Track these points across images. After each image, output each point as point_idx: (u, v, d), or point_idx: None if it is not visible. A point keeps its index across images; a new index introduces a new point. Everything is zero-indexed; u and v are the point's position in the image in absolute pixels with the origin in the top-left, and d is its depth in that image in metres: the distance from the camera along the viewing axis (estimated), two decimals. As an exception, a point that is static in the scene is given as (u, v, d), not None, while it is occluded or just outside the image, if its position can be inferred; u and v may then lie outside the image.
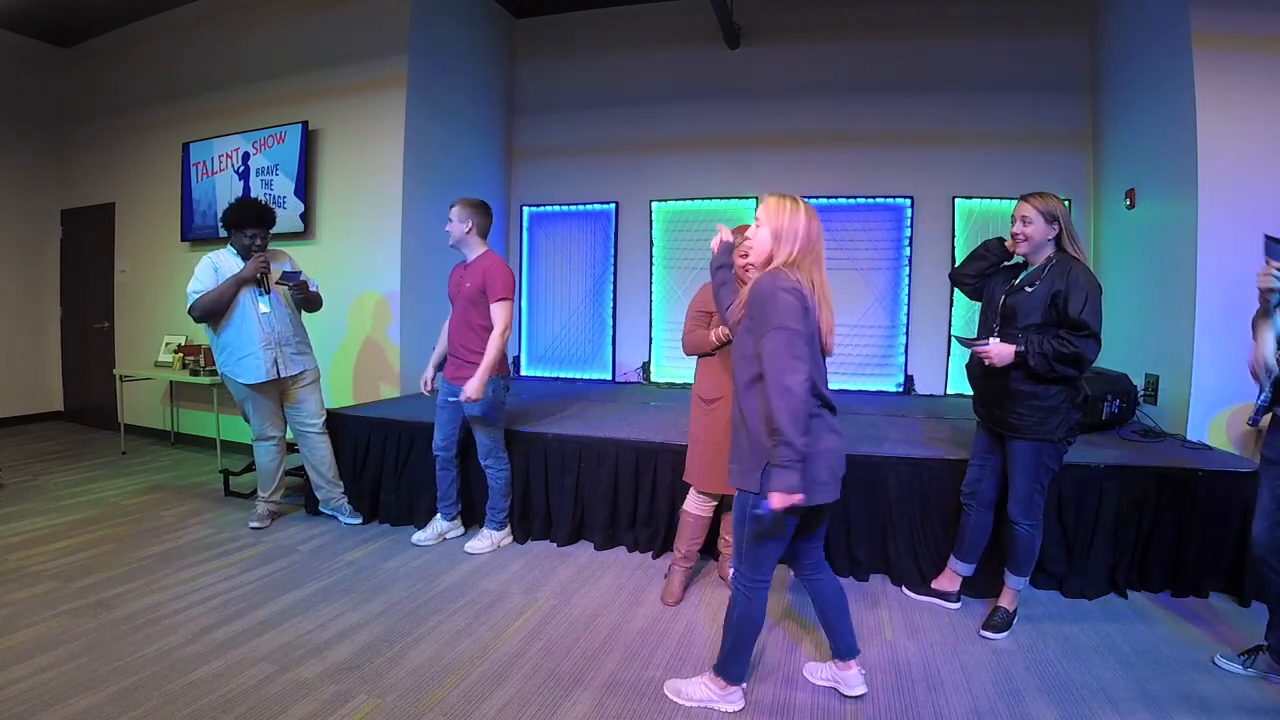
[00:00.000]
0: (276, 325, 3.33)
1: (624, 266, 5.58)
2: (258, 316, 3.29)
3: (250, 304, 3.28)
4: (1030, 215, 2.28)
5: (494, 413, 3.13)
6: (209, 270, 3.27)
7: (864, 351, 5.05)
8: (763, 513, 1.70)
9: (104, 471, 4.59)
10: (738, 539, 1.87)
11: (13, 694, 1.95)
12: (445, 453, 3.25)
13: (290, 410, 3.50)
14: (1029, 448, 2.31)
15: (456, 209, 3.09)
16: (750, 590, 1.87)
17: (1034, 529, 2.37)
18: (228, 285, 3.22)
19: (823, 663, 2.15)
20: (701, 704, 1.95)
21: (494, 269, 3.03)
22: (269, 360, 3.31)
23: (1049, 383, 2.24)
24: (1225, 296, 3.20)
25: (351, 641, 2.33)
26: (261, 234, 3.30)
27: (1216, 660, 2.21)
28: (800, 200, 1.85)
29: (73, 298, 6.22)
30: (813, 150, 5.13)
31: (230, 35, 5.14)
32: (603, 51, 5.61)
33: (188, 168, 5.18)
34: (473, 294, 3.02)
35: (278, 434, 3.49)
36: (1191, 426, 3.32)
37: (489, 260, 3.08)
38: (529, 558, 3.15)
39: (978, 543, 2.58)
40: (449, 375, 3.12)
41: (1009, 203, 4.79)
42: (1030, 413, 2.28)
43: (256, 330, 3.28)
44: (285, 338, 3.37)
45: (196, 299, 3.21)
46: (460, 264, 3.18)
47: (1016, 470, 2.35)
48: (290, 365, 3.39)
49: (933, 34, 4.91)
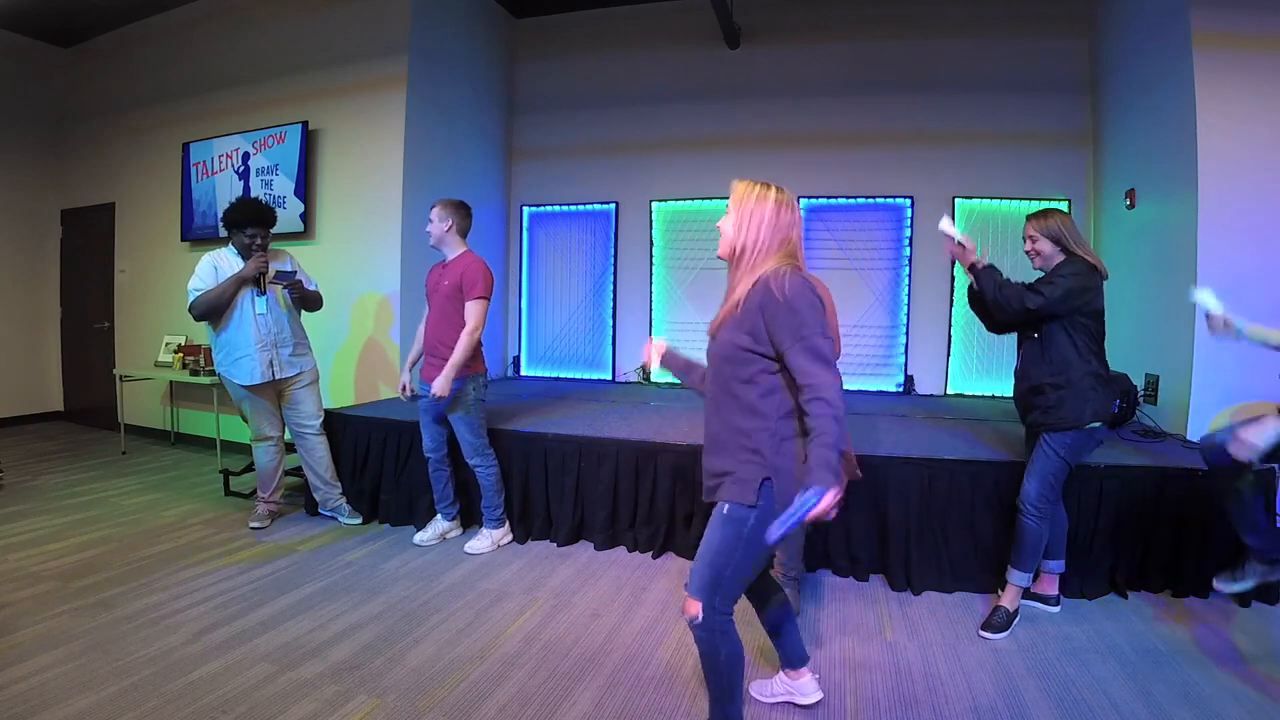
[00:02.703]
0: (273, 327, 3.33)
1: (624, 266, 5.58)
2: (254, 317, 3.29)
3: (248, 305, 3.28)
4: (1034, 235, 2.42)
5: (474, 410, 3.13)
6: (209, 269, 3.27)
7: (864, 351, 5.05)
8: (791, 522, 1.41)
9: (104, 471, 4.59)
10: (719, 566, 1.56)
11: (13, 694, 1.95)
12: (436, 454, 3.25)
13: (287, 410, 3.50)
14: (1053, 438, 2.35)
15: (437, 209, 3.10)
16: (727, 622, 1.60)
17: (1041, 521, 2.38)
18: (228, 284, 3.22)
19: (769, 678, 2.03)
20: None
21: (473, 267, 3.05)
22: (264, 362, 3.30)
23: (995, 308, 2.37)
24: (1225, 296, 3.18)
25: (351, 641, 2.33)
26: (261, 234, 3.30)
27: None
28: (773, 186, 1.63)
29: (73, 298, 6.22)
30: (813, 150, 5.13)
31: (230, 35, 5.14)
32: (603, 51, 5.61)
33: (188, 168, 5.18)
34: (450, 291, 3.04)
35: (275, 434, 3.49)
36: (1191, 426, 3.32)
37: (468, 259, 3.10)
38: (529, 557, 3.15)
39: (1059, 538, 2.58)
40: (426, 376, 3.11)
41: (1009, 203, 4.82)
42: (1057, 402, 2.31)
43: (253, 331, 3.28)
44: (282, 339, 3.36)
45: (196, 297, 3.22)
46: (438, 264, 3.18)
47: (1037, 457, 2.41)
48: (286, 368, 3.39)
49: (933, 34, 4.91)
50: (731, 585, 1.59)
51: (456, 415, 3.12)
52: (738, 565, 1.56)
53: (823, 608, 2.67)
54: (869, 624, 2.53)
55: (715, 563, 1.57)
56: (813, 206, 5.12)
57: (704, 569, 1.58)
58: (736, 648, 1.64)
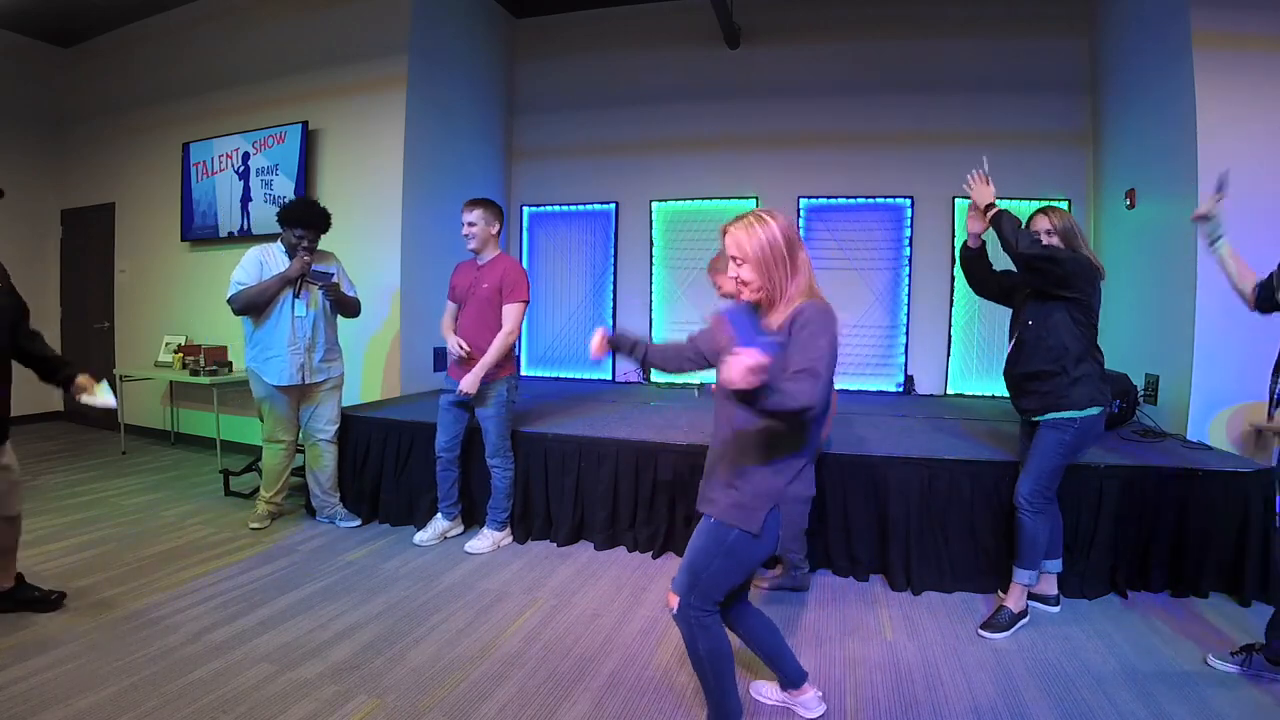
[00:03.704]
0: (309, 330, 3.34)
1: (624, 266, 5.58)
2: (293, 319, 3.30)
3: (288, 305, 3.29)
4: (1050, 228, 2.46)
5: (505, 411, 3.16)
6: (255, 263, 3.28)
7: (864, 351, 5.05)
8: None
9: (104, 471, 4.59)
10: (697, 570, 1.65)
11: (13, 694, 1.95)
12: (449, 453, 3.25)
13: (306, 412, 3.49)
14: (1051, 430, 2.35)
15: (479, 212, 3.07)
16: (706, 618, 1.67)
17: (1036, 516, 2.39)
18: (272, 282, 3.23)
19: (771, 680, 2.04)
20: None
21: (513, 270, 3.08)
22: (295, 365, 3.31)
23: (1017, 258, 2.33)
24: (1225, 296, 3.16)
25: (351, 641, 2.33)
26: (309, 235, 3.29)
27: (1210, 660, 2.20)
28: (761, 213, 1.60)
29: (73, 298, 6.21)
30: (813, 150, 5.13)
31: (230, 35, 5.14)
32: (603, 51, 5.61)
33: (188, 168, 5.18)
34: (489, 294, 3.05)
35: (289, 439, 3.49)
36: (1191, 426, 3.32)
37: (507, 261, 3.12)
38: (529, 558, 3.15)
39: (1055, 538, 2.59)
40: (455, 374, 3.12)
41: (1009, 203, 4.80)
42: (1053, 389, 2.32)
43: (288, 332, 3.29)
44: (316, 343, 3.38)
45: (239, 290, 3.22)
46: (468, 263, 3.18)
47: (1034, 451, 2.41)
48: (316, 373, 3.40)
49: (933, 34, 4.91)
50: (708, 588, 1.65)
51: (488, 413, 3.14)
52: (714, 573, 1.63)
53: (823, 608, 2.67)
54: (869, 624, 2.53)
55: (694, 566, 1.65)
56: (813, 206, 5.12)
57: (685, 568, 1.68)
58: (717, 643, 1.69)
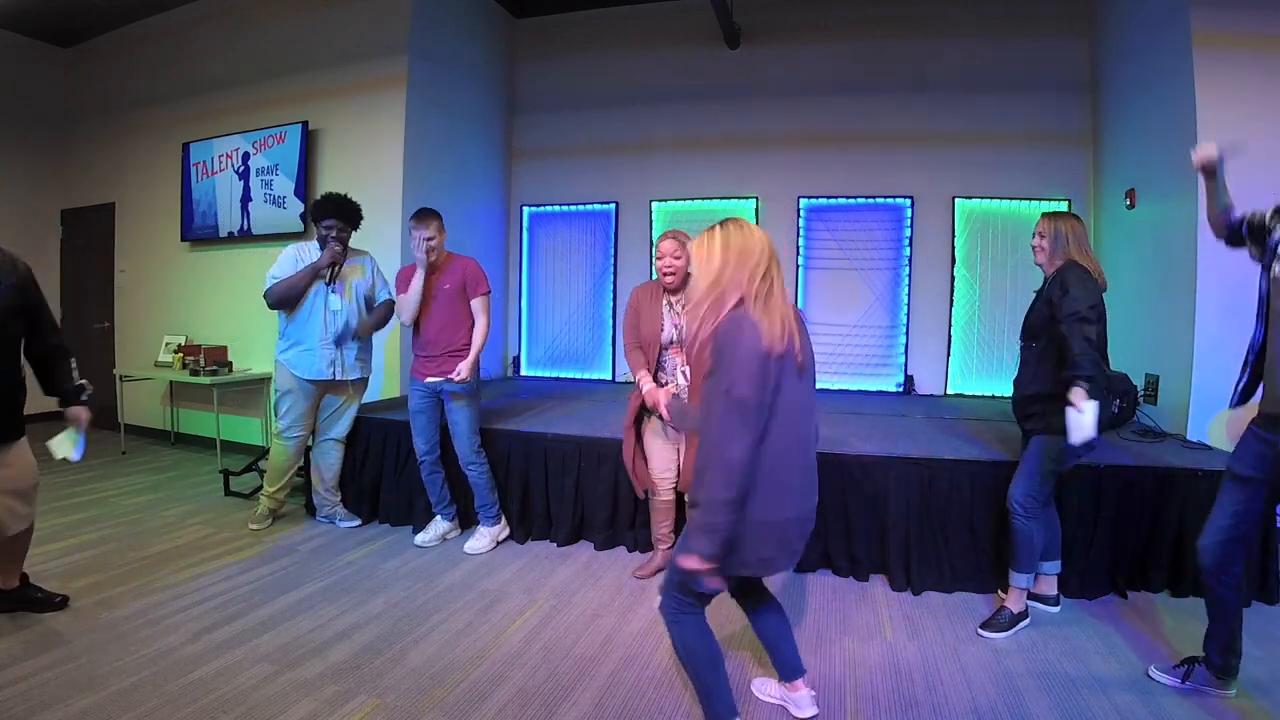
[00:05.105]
0: (342, 326, 3.35)
1: (624, 266, 5.58)
2: (326, 313, 3.31)
3: (321, 299, 3.31)
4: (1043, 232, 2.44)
5: (477, 402, 3.23)
6: (290, 258, 3.32)
7: (864, 351, 5.05)
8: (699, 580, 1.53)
9: (104, 471, 4.59)
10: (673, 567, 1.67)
11: (13, 694, 1.95)
12: (430, 456, 3.25)
13: (325, 409, 3.49)
14: (1041, 440, 2.37)
15: (437, 224, 3.09)
16: (681, 615, 1.70)
17: (1029, 520, 2.39)
18: (302, 274, 3.26)
19: (771, 677, 2.05)
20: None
21: (472, 266, 3.18)
22: (326, 360, 3.33)
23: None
24: (1225, 296, 3.20)
25: (351, 641, 2.33)
26: (338, 225, 3.30)
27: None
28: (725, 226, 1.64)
29: (73, 298, 6.21)
30: (813, 150, 5.13)
31: (230, 35, 5.14)
32: (603, 51, 5.61)
33: (188, 168, 5.18)
34: (454, 293, 3.13)
35: (303, 434, 3.48)
36: (1191, 426, 3.32)
37: (463, 260, 3.20)
38: (529, 558, 3.15)
39: (1053, 540, 2.59)
40: (435, 372, 3.10)
41: (1009, 203, 4.82)
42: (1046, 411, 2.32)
43: (320, 326, 3.30)
44: (349, 340, 3.39)
45: (273, 284, 3.25)
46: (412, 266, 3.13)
47: (1026, 456, 2.43)
48: (349, 371, 3.42)
49: (933, 34, 4.91)
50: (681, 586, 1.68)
51: (463, 409, 3.14)
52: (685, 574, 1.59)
53: (823, 608, 2.67)
54: (869, 624, 2.53)
55: (671, 563, 1.69)
56: (813, 206, 5.12)
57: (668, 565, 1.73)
58: (694, 640, 1.71)
